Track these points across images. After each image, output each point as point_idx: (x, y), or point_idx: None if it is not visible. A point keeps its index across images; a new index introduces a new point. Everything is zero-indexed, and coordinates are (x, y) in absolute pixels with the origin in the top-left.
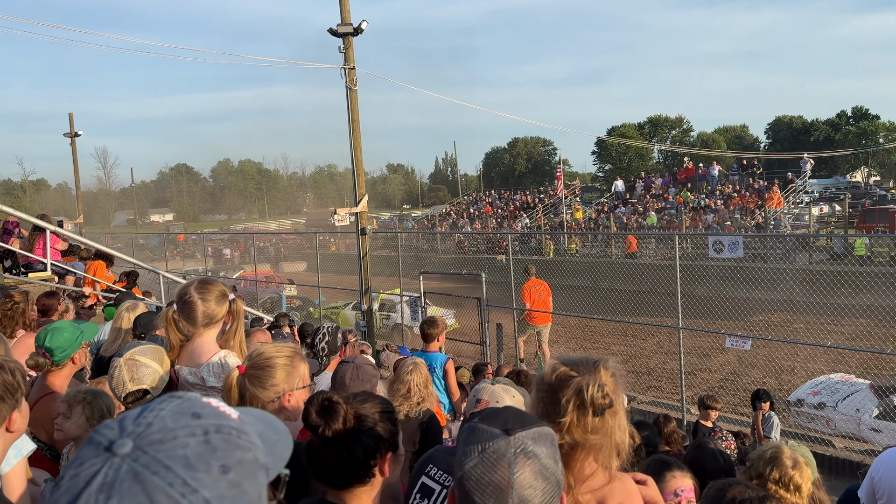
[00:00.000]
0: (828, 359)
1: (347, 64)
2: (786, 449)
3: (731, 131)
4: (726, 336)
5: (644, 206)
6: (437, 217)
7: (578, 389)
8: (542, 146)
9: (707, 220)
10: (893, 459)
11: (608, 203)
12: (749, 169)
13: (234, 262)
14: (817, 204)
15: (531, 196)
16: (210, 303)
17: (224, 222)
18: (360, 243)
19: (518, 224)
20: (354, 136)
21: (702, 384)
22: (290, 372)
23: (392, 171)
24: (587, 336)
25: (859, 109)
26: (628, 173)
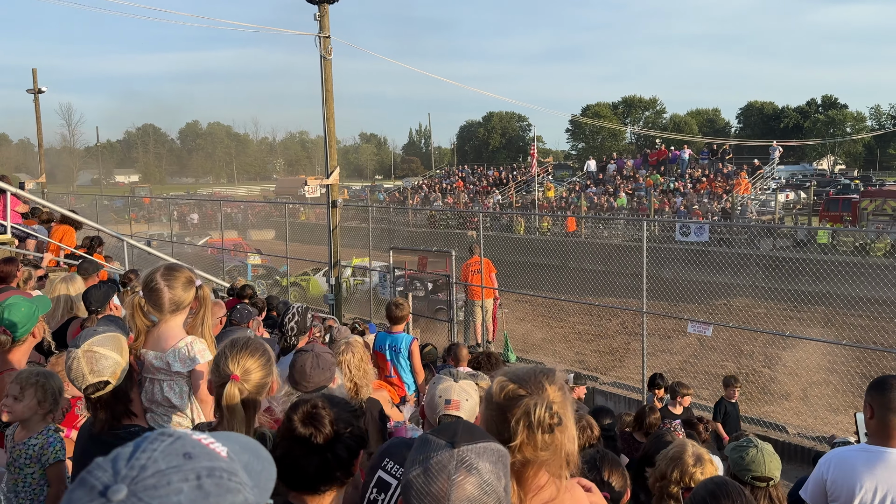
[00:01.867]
0: (786, 345)
1: (322, 32)
2: (689, 447)
3: (704, 114)
4: (688, 322)
5: (615, 187)
6: (409, 190)
7: (527, 411)
8: (517, 122)
9: (676, 203)
10: (845, 461)
11: (580, 182)
12: (718, 154)
13: (201, 227)
14: (783, 191)
15: (504, 172)
16: (177, 290)
17: (191, 186)
18: (331, 216)
19: (490, 200)
20: (328, 106)
21: (663, 365)
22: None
23: (365, 140)
24: (553, 315)
25: (829, 98)
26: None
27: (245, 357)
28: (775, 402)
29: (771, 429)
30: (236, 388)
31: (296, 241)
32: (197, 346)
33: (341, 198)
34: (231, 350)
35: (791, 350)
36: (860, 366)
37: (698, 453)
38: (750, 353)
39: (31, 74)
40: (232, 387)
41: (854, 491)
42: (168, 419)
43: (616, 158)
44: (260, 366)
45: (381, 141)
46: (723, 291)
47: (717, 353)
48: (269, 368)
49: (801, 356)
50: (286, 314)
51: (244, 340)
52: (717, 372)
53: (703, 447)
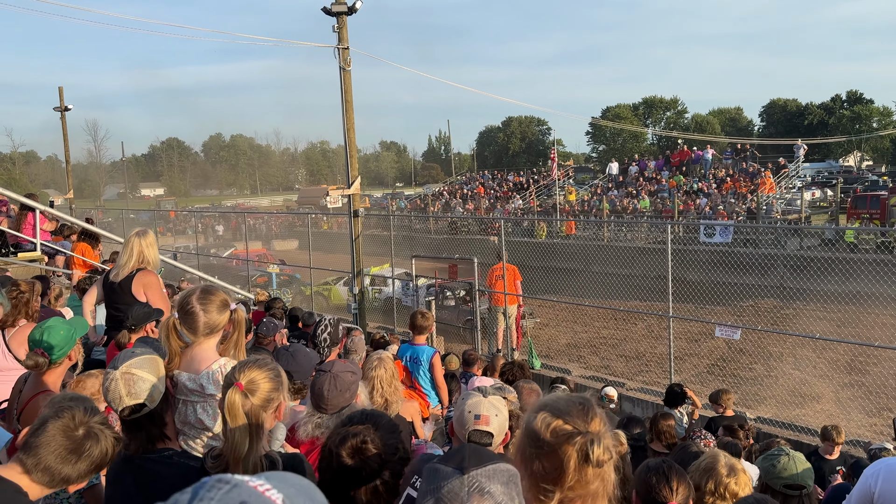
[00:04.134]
0: (815, 346)
1: (341, 44)
2: (721, 457)
3: (726, 113)
4: (716, 325)
5: (637, 189)
6: (429, 196)
7: (582, 449)
8: (537, 126)
9: (700, 203)
10: (895, 472)
11: (602, 185)
12: (742, 153)
13: (226, 238)
14: (809, 188)
15: (524, 177)
16: (212, 313)
17: (215, 198)
18: (353, 225)
19: (511, 205)
20: (348, 116)
21: (690, 369)
22: (280, 383)
23: (385, 148)
24: (577, 319)
25: (854, 94)
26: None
27: (253, 369)
28: (806, 405)
29: (803, 433)
30: (238, 394)
31: (318, 250)
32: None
33: (362, 206)
34: (241, 364)
35: (821, 351)
36: (893, 366)
37: (731, 463)
38: (779, 356)
39: (58, 93)
40: (233, 392)
41: None
42: (200, 440)
43: (638, 160)
44: (267, 378)
45: (401, 148)
46: (750, 293)
47: (746, 355)
48: (278, 384)
49: (833, 357)
50: (318, 326)
51: (257, 358)
52: (746, 375)
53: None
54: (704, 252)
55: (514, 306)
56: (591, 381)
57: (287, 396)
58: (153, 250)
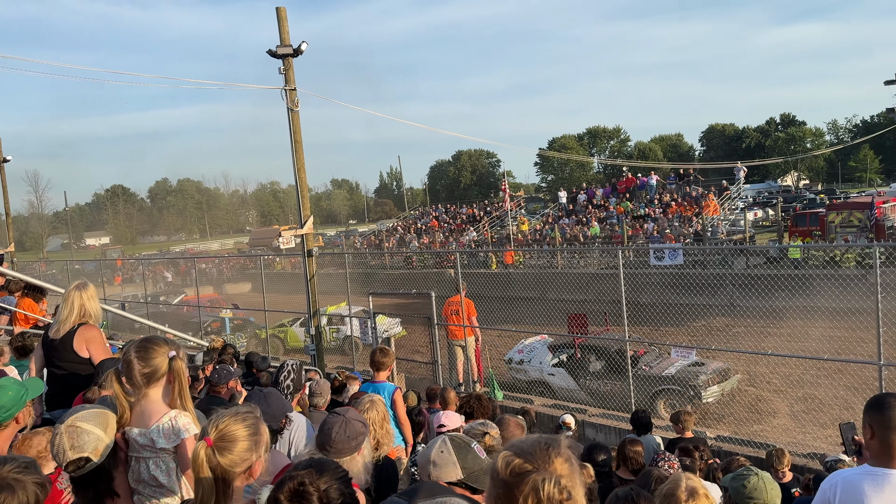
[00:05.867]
0: (768, 362)
1: (288, 85)
2: (683, 482)
3: (667, 140)
4: (671, 347)
5: (587, 217)
6: (384, 232)
7: (535, 487)
8: (486, 158)
9: (648, 228)
10: (851, 484)
11: (552, 214)
12: (685, 178)
13: (175, 285)
14: (751, 209)
15: (477, 209)
16: (148, 361)
17: (163, 244)
18: (307, 265)
19: (465, 238)
20: (297, 156)
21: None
22: (257, 441)
23: (337, 186)
24: None
25: (787, 116)
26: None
27: (230, 423)
28: (764, 421)
29: (761, 449)
30: (204, 450)
31: (273, 291)
32: (182, 420)
33: (316, 245)
34: (219, 415)
35: (774, 367)
36: (843, 378)
37: (692, 487)
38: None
39: None
40: (200, 447)
41: None
42: (157, 500)
43: (586, 188)
44: (245, 436)
45: (353, 186)
46: (701, 312)
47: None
48: (255, 442)
49: (785, 372)
50: (280, 372)
51: (239, 410)
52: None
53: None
54: (655, 275)
55: (472, 339)
56: (553, 409)
57: (265, 454)
58: (94, 303)
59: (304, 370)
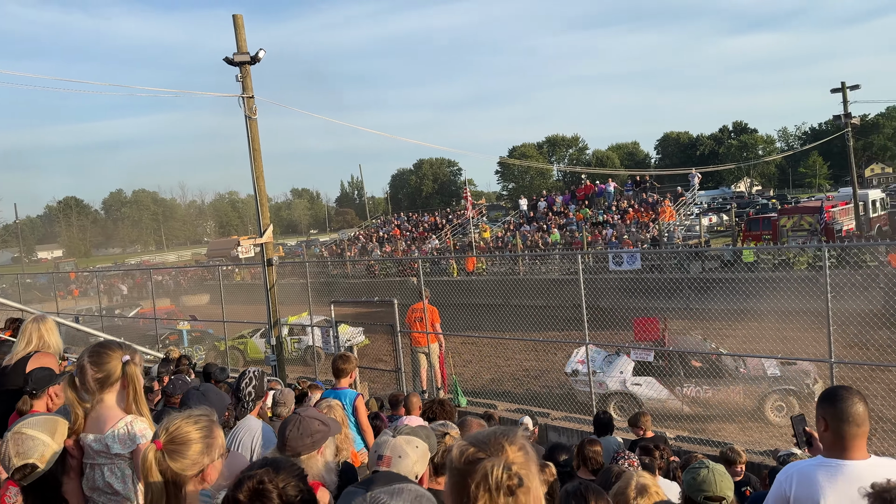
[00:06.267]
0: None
1: (245, 93)
2: (634, 480)
3: (624, 148)
4: (630, 349)
5: (547, 224)
6: (345, 241)
7: (485, 473)
8: (448, 167)
9: (606, 234)
10: (806, 476)
11: (514, 221)
12: (642, 185)
13: (131, 297)
14: (706, 214)
15: (439, 217)
16: (102, 366)
17: (118, 256)
18: (267, 275)
19: (428, 245)
20: (256, 165)
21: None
22: (210, 444)
23: (297, 195)
24: (500, 354)
25: (739, 124)
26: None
27: (182, 425)
28: (724, 421)
29: (718, 447)
30: (153, 453)
31: (232, 302)
32: (138, 426)
33: (276, 255)
34: (170, 418)
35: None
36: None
37: (642, 484)
38: None
39: None
40: (148, 451)
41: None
42: None
43: (546, 196)
44: (198, 439)
45: (314, 195)
46: (659, 315)
47: None
48: (208, 445)
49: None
50: (241, 379)
51: (197, 411)
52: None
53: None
54: (615, 280)
55: (436, 345)
56: (517, 413)
57: (220, 459)
58: (54, 335)
59: (265, 378)
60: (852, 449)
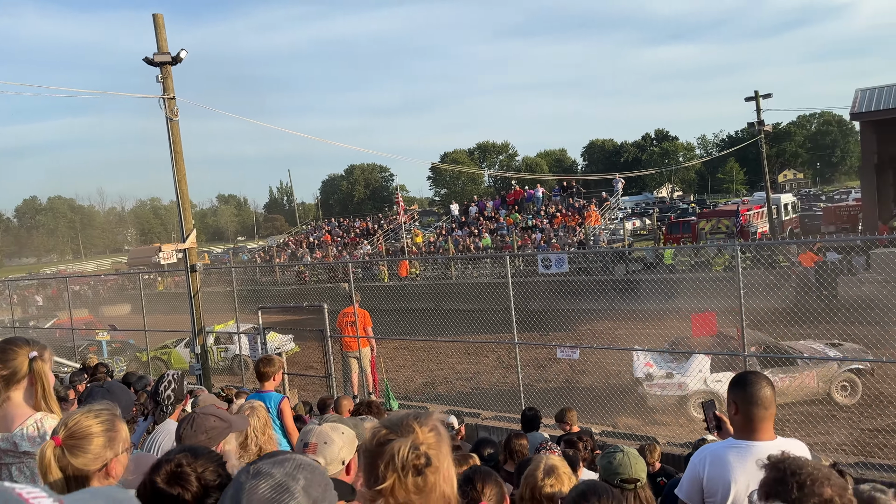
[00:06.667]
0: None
1: (167, 94)
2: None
3: (552, 155)
4: (557, 348)
5: (479, 228)
6: (274, 248)
7: (392, 453)
8: (380, 172)
9: (536, 238)
10: (718, 458)
11: (446, 226)
12: (569, 190)
13: (47, 308)
14: (630, 219)
15: (371, 222)
16: (7, 362)
17: (33, 266)
18: (191, 281)
19: (359, 251)
20: (178, 168)
21: (541, 394)
22: (112, 438)
23: (223, 201)
24: (432, 358)
25: (661, 132)
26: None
27: (80, 419)
28: (646, 416)
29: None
30: (50, 449)
31: (156, 312)
32: (48, 423)
33: (201, 262)
34: (71, 412)
35: None
36: None
37: (550, 465)
38: (618, 373)
39: None
40: (46, 447)
41: (729, 486)
42: None
43: (477, 201)
44: (100, 432)
45: (241, 201)
46: (587, 317)
47: (588, 375)
48: (111, 438)
49: None
50: (160, 383)
51: (98, 405)
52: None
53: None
54: (544, 283)
55: (367, 349)
56: (448, 415)
57: (124, 453)
58: None
59: (185, 380)
60: (760, 430)
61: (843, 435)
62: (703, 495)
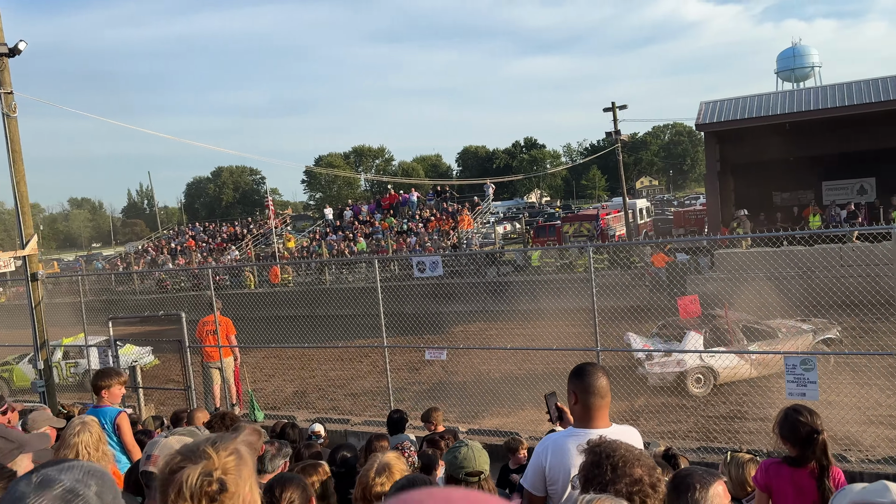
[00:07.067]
0: (516, 359)
1: (3, 88)
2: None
3: (428, 160)
4: (425, 350)
5: (353, 233)
6: (132, 255)
7: (181, 482)
8: (250, 175)
9: (411, 242)
10: (559, 446)
11: (320, 231)
12: (442, 195)
13: None
14: (501, 223)
15: (240, 227)
16: None
17: None
18: (32, 291)
19: (227, 257)
20: (16, 168)
21: (413, 397)
22: None
23: (76, 205)
24: (304, 366)
25: (530, 140)
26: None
27: None
28: (515, 414)
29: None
30: None
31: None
32: None
33: (46, 270)
34: None
35: (521, 364)
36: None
37: (384, 463)
38: (488, 373)
39: None
40: None
41: (569, 473)
42: None
43: (352, 205)
44: None
45: (97, 205)
46: (459, 319)
47: (459, 376)
48: None
49: (530, 367)
50: None
51: None
52: (462, 392)
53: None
54: (419, 286)
55: (230, 359)
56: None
57: None
58: None
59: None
60: (597, 418)
61: (691, 423)
62: (546, 483)
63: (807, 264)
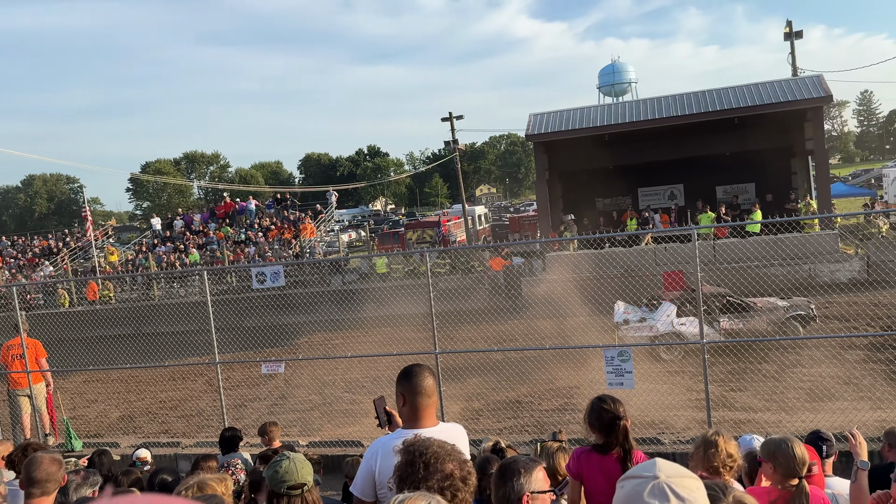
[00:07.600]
0: (361, 367)
1: None
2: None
3: (268, 167)
4: (262, 364)
5: (185, 244)
6: None
7: None
8: (66, 184)
9: (249, 252)
10: (388, 448)
11: (147, 242)
12: (283, 203)
13: None
14: (346, 231)
15: (54, 240)
16: None
17: None
18: None
19: (40, 273)
20: None
21: (253, 413)
22: None
23: None
24: (132, 389)
25: (373, 148)
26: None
27: None
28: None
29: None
30: None
31: None
32: None
33: None
34: None
35: (366, 370)
36: None
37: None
38: (332, 382)
39: None
40: None
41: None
42: None
43: (182, 214)
44: None
45: None
46: (303, 330)
47: (303, 389)
48: None
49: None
50: None
51: None
52: (304, 406)
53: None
54: (260, 298)
55: (42, 385)
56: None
57: None
58: None
59: None
60: (424, 418)
61: (526, 418)
62: (376, 488)
63: (626, 264)
